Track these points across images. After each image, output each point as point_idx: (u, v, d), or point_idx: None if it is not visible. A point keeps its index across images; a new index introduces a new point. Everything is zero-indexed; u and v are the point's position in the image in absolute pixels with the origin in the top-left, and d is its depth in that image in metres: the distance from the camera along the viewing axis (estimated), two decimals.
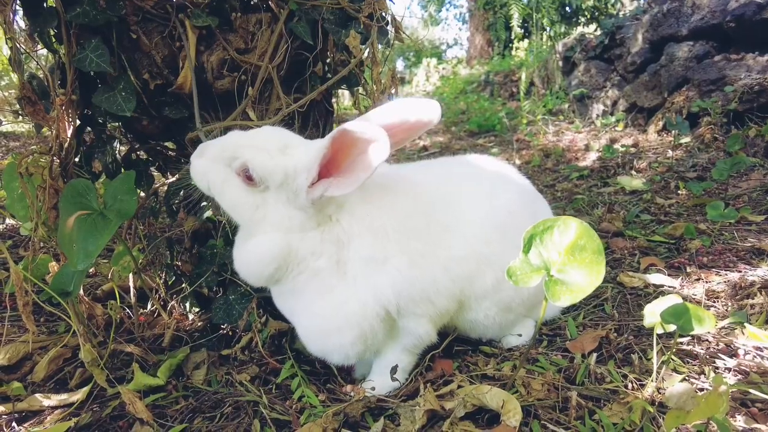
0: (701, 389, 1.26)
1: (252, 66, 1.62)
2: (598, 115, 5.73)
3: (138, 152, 1.78)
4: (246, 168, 1.18)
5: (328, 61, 1.89)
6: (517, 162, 4.53)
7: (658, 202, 3.04)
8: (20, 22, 1.60)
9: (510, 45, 11.71)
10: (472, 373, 1.38)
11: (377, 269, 1.23)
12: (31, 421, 1.28)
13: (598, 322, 1.69)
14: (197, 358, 1.51)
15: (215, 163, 1.22)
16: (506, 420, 1.05)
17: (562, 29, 10.66)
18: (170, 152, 1.88)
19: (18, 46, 1.49)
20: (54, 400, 1.34)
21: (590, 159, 4.37)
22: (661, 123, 4.54)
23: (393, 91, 1.83)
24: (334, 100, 2.00)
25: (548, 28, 10.64)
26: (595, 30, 7.54)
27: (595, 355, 1.39)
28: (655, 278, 1.97)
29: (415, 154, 5.41)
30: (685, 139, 4.08)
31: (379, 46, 1.88)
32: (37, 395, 1.35)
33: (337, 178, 1.15)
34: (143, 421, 1.22)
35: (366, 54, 1.79)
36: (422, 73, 12.97)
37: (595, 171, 4.00)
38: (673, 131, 4.11)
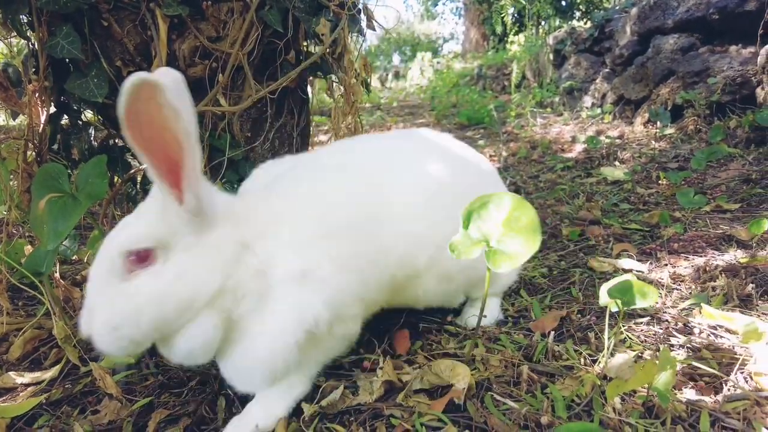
0: None
1: (224, 54, 1.65)
2: (587, 108, 5.76)
3: (115, 139, 1.81)
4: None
5: (301, 49, 1.92)
6: (504, 154, 4.56)
7: (639, 192, 3.08)
8: None
9: (505, 39, 11.74)
10: (434, 351, 1.42)
11: (302, 288, 1.04)
12: (4, 398, 1.32)
13: (564, 304, 1.73)
14: None
15: None
16: (456, 384, 1.09)
17: (557, 23, 10.68)
18: None
19: None
20: (27, 377, 1.38)
21: (576, 150, 4.40)
22: (647, 115, 4.57)
23: (366, 77, 1.86)
24: (309, 88, 2.03)
25: (543, 22, 10.66)
26: (586, 23, 7.55)
27: (553, 333, 1.43)
28: (624, 263, 2.00)
29: None
30: (670, 131, 4.12)
31: (354, 35, 1.91)
32: (11, 373, 1.38)
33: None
34: (112, 396, 1.26)
35: (338, 42, 1.82)
36: (417, 67, 12.97)
37: (579, 162, 4.03)
38: (658, 122, 4.15)
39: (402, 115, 7.79)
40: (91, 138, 1.71)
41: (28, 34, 1.58)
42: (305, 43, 1.89)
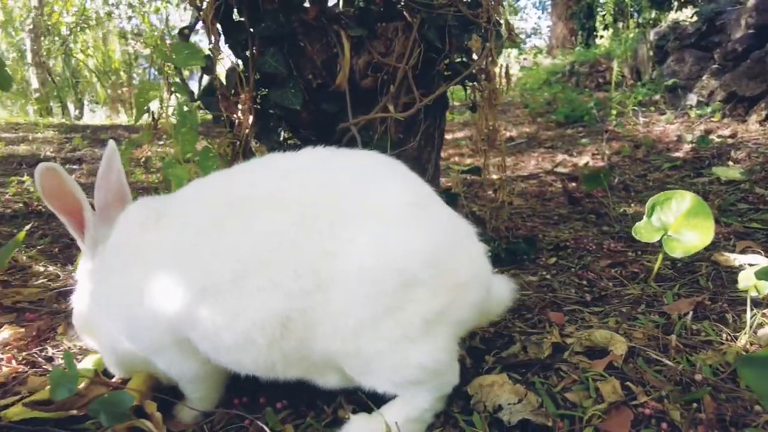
0: None
1: (391, 67, 1.95)
2: (692, 106, 5.60)
3: (293, 139, 2.18)
4: None
5: (447, 61, 2.19)
6: (607, 152, 4.60)
7: (757, 192, 3.06)
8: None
9: (594, 34, 11.41)
10: (580, 325, 1.63)
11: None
12: None
13: (693, 294, 1.86)
14: None
15: None
16: (614, 350, 1.30)
17: (653, 15, 10.24)
18: (314, 139, 2.27)
19: (213, 55, 1.91)
20: None
21: (683, 150, 4.35)
22: (763, 113, 4.42)
23: (505, 84, 2.09)
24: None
25: (637, 15, 10.27)
26: (691, 16, 7.26)
27: (691, 314, 1.60)
28: (750, 258, 2.09)
29: (500, 144, 5.58)
30: None
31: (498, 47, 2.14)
32: None
33: None
34: None
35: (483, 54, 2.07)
36: (503, 64, 12.92)
37: (687, 162, 4.00)
38: None
39: None
40: (280, 137, 2.08)
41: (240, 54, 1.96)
42: (451, 56, 2.15)
